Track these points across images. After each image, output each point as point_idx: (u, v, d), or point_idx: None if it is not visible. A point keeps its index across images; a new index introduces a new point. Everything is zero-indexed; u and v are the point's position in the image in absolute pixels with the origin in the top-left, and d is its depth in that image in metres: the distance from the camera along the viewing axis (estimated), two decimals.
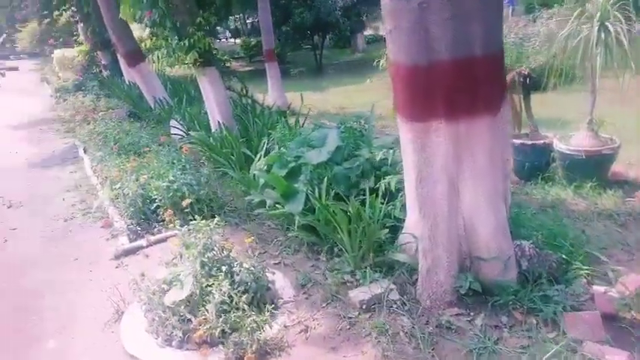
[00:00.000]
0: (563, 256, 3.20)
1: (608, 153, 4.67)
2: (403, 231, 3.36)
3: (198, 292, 3.03)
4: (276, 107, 7.52)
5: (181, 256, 3.57)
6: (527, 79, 5.52)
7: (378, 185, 3.89)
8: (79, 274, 4.05)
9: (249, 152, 5.55)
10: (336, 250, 3.78)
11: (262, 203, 4.45)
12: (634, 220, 4.04)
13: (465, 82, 2.53)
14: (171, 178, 4.52)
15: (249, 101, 7.11)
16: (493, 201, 2.85)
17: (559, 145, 4.94)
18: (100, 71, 15.02)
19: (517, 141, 5.25)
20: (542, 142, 5.20)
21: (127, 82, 11.08)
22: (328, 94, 13.05)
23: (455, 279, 2.99)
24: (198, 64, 5.85)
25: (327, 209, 3.54)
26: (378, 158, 4.01)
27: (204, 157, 6.09)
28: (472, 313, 2.94)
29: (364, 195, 3.89)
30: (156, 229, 4.57)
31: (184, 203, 4.33)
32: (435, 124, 2.67)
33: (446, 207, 2.84)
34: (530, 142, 5.23)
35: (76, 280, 3.95)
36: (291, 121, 6.39)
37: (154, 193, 4.53)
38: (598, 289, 2.99)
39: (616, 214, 4.14)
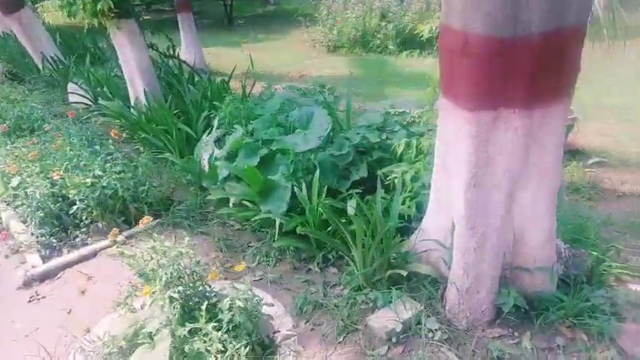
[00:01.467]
0: (596, 255, 2.84)
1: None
2: (420, 236, 2.78)
3: (175, 350, 2.19)
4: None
5: (133, 289, 2.66)
6: None
7: (375, 176, 3.24)
8: None
9: (189, 130, 4.53)
10: (330, 257, 3.11)
11: (223, 200, 3.57)
12: (600, 194, 3.96)
13: (552, 60, 1.92)
14: (97, 171, 3.43)
15: (176, 63, 5.91)
16: (551, 204, 2.37)
17: None
18: None
19: None
20: None
21: (0, 34, 8.93)
22: (246, 50, 11.82)
23: (495, 295, 2.49)
24: (112, 15, 4.57)
25: (328, 211, 2.81)
26: (374, 141, 3.32)
27: (127, 137, 4.92)
28: (516, 334, 2.50)
29: (358, 188, 3.22)
30: (78, 240, 3.50)
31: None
32: (505, 114, 2.06)
33: (501, 216, 2.29)
34: None
35: None
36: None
37: (73, 192, 3.42)
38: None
39: (582, 187, 4.04)
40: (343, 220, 2.80)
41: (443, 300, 2.64)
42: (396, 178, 2.94)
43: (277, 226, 3.14)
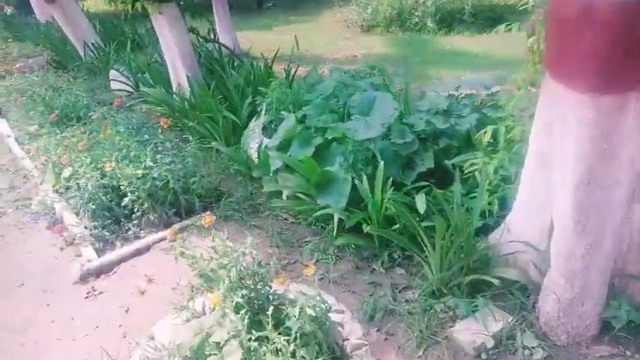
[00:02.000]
0: None
1: None
2: (506, 236, 2.42)
3: None
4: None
5: (194, 291, 2.43)
6: None
7: (441, 167, 2.89)
8: (29, 310, 2.76)
9: (233, 117, 4.24)
10: (396, 256, 2.79)
11: (276, 192, 3.29)
12: None
13: None
14: (148, 162, 3.19)
15: (216, 47, 5.61)
16: None
17: None
18: (2, 7, 12.13)
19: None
20: None
21: (44, 22, 8.83)
22: (280, 33, 11.44)
23: (602, 307, 2.13)
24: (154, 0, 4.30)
25: (398, 207, 2.49)
26: (441, 127, 2.95)
27: (170, 125, 4.67)
28: (628, 352, 2.13)
29: (425, 180, 2.87)
30: (131, 233, 3.29)
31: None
32: (633, 98, 1.65)
33: (619, 218, 1.90)
34: None
35: (26, 321, 2.67)
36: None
37: (124, 184, 3.20)
38: None
39: None
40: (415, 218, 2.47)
41: (535, 310, 2.29)
42: (476, 169, 2.57)
43: (336, 222, 2.84)
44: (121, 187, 3.25)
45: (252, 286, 2.21)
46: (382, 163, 2.72)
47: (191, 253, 2.23)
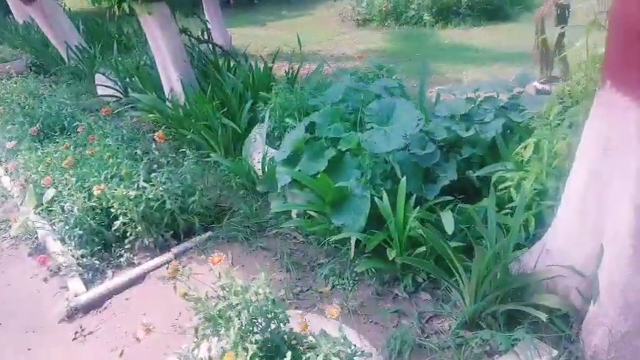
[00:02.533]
0: None
1: None
2: (545, 259, 2.19)
3: None
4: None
5: (198, 336, 2.17)
6: (566, 11, 4.45)
7: (465, 179, 2.66)
8: (9, 355, 2.49)
9: (233, 125, 3.97)
10: (420, 279, 2.56)
11: (284, 210, 3.05)
12: None
13: None
14: (142, 182, 2.92)
15: (210, 48, 5.32)
16: None
17: None
18: None
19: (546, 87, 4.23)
20: None
21: (22, 23, 8.45)
22: (272, 28, 11.16)
23: None
24: None
25: (427, 232, 2.25)
26: (464, 135, 2.71)
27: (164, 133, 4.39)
28: None
29: (449, 194, 2.65)
30: (123, 260, 3.02)
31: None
32: None
33: None
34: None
35: None
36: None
37: (115, 206, 2.93)
38: None
39: None
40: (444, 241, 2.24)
41: (580, 342, 2.08)
42: (510, 186, 2.34)
43: (353, 245, 2.60)
44: (112, 209, 2.98)
45: (267, 328, 1.97)
46: (404, 178, 2.48)
47: (195, 295, 1.98)
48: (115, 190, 2.94)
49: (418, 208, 2.44)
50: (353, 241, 2.59)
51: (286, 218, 3.16)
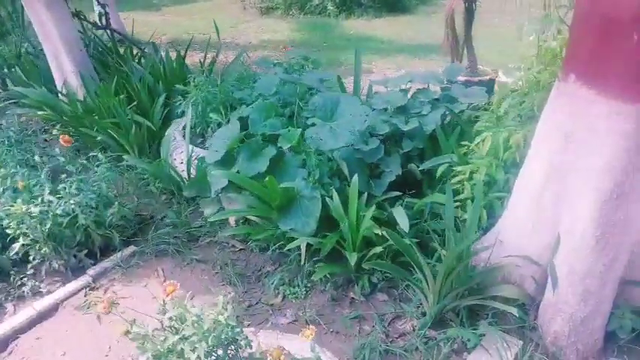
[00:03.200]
0: None
1: None
2: (499, 251, 2.21)
3: None
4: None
5: None
6: (473, 5, 4.66)
7: (408, 173, 2.61)
8: None
9: (147, 122, 3.53)
10: (374, 280, 2.46)
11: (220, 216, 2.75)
12: None
13: None
14: (47, 196, 2.43)
15: (109, 34, 4.67)
16: None
17: (503, 79, 4.27)
18: None
19: (461, 78, 4.41)
20: (487, 77, 4.48)
21: None
22: (169, 14, 10.39)
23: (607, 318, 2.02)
24: None
25: (392, 233, 2.14)
26: (405, 129, 2.65)
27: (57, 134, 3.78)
28: None
29: (400, 190, 2.58)
30: (27, 288, 2.51)
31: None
32: None
33: (637, 231, 1.76)
34: (476, 79, 4.46)
35: None
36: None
37: (13, 225, 2.41)
38: None
39: None
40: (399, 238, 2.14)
41: (538, 328, 2.12)
42: (463, 179, 2.31)
43: (304, 250, 2.42)
44: (7, 231, 2.45)
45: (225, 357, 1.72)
46: (356, 176, 2.33)
47: (137, 331, 1.65)
48: (11, 206, 2.42)
49: (372, 207, 2.31)
50: (304, 247, 2.40)
51: (221, 225, 2.87)
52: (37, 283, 2.54)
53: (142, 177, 3.33)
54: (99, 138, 3.46)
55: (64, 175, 2.59)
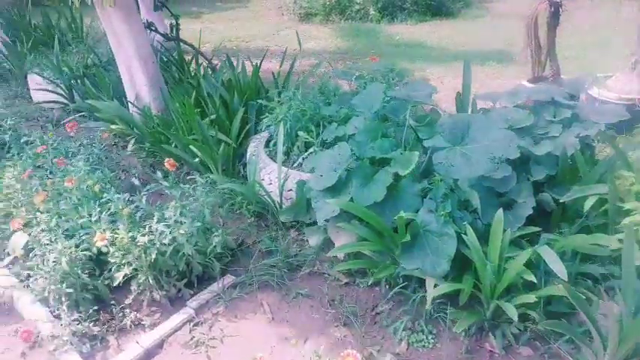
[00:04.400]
0: None
1: None
2: None
3: None
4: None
5: None
6: (559, 10, 4.33)
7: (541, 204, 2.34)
8: None
9: (228, 140, 3.34)
10: (514, 329, 2.18)
11: (327, 245, 2.53)
12: None
13: None
14: (155, 225, 2.24)
15: (177, 45, 4.50)
16: None
17: (592, 90, 3.94)
18: None
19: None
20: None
21: None
22: (208, 22, 10.29)
23: None
24: None
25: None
26: (540, 152, 2.38)
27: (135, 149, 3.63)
28: None
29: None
30: (128, 320, 2.33)
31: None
32: None
33: None
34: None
35: None
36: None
37: (118, 255, 2.23)
38: None
39: None
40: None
41: None
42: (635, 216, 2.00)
43: (431, 294, 2.15)
44: (110, 259, 2.28)
45: None
46: (500, 210, 2.07)
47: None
48: (116, 235, 2.24)
49: (528, 249, 2.02)
50: (431, 290, 2.14)
51: (322, 253, 2.65)
52: (138, 315, 2.36)
53: (228, 198, 3.12)
54: (178, 154, 3.28)
55: (165, 203, 2.40)
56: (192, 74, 4.13)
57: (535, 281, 1.96)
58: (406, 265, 2.20)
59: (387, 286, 2.42)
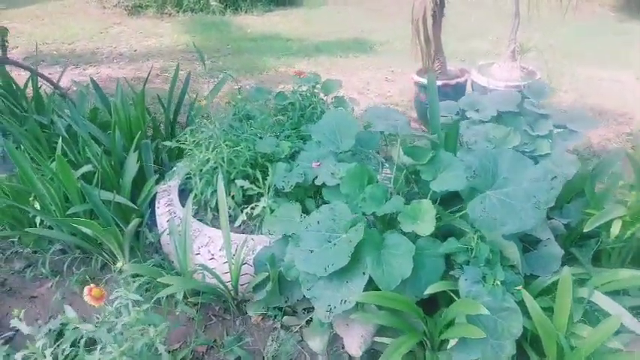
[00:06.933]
0: None
1: None
2: None
3: None
4: None
5: None
6: (444, 1, 4.18)
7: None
8: None
9: (129, 203, 2.28)
10: None
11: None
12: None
13: None
14: None
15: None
16: None
17: (479, 79, 4.00)
18: None
19: (439, 82, 4.02)
20: (464, 79, 4.16)
21: None
22: (6, 20, 7.90)
23: None
24: None
25: None
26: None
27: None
28: None
29: None
30: None
31: None
32: None
33: None
34: (453, 81, 4.12)
35: None
36: None
37: None
38: None
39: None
40: None
41: None
42: None
43: None
44: None
45: None
46: (567, 268, 1.63)
47: None
48: None
49: (616, 321, 1.60)
50: None
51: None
52: None
53: (147, 290, 2.11)
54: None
55: None
56: (34, 107, 2.78)
57: (622, 348, 1.59)
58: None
59: None
